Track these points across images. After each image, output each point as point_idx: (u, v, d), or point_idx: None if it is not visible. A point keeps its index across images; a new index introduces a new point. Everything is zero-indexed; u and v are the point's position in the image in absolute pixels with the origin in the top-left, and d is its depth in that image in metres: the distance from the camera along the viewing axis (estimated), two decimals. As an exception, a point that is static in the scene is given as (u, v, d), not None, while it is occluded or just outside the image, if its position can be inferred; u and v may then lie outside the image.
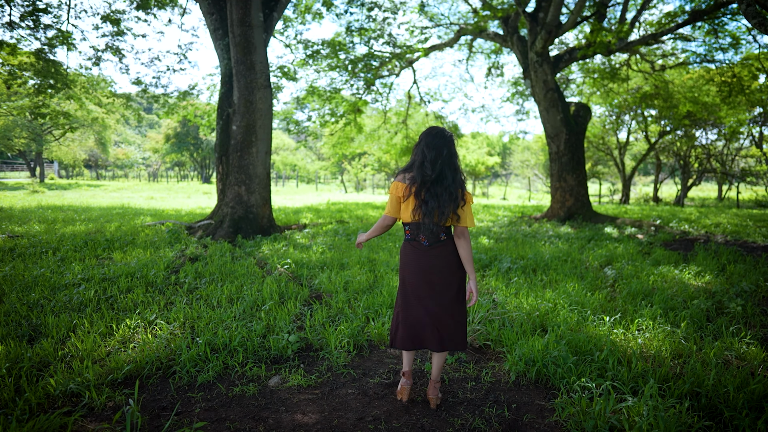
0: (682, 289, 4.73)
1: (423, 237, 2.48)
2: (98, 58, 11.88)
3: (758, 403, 2.47)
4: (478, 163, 32.21)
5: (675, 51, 15.22)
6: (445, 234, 2.49)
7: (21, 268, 5.27)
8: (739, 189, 20.97)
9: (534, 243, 7.59)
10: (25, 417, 2.39)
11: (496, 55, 17.01)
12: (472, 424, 2.46)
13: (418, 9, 14.87)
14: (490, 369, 3.10)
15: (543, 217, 11.68)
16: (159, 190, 26.09)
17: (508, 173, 45.49)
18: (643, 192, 28.40)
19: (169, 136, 41.54)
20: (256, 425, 2.44)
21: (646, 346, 3.29)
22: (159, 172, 47.01)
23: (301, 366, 3.14)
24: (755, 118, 20.10)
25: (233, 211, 8.11)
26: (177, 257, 6.05)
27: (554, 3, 10.20)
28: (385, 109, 17.78)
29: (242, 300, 4.24)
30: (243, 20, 7.94)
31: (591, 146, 23.83)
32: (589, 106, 13.08)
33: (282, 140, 50.10)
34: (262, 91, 8.19)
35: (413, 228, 2.50)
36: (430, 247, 2.48)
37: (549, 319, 3.76)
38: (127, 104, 15.03)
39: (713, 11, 10.07)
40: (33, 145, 31.43)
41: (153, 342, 3.25)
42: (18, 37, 10.65)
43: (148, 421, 2.46)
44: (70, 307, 4.05)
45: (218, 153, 8.87)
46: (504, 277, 5.31)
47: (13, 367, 2.88)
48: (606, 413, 2.36)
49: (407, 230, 2.54)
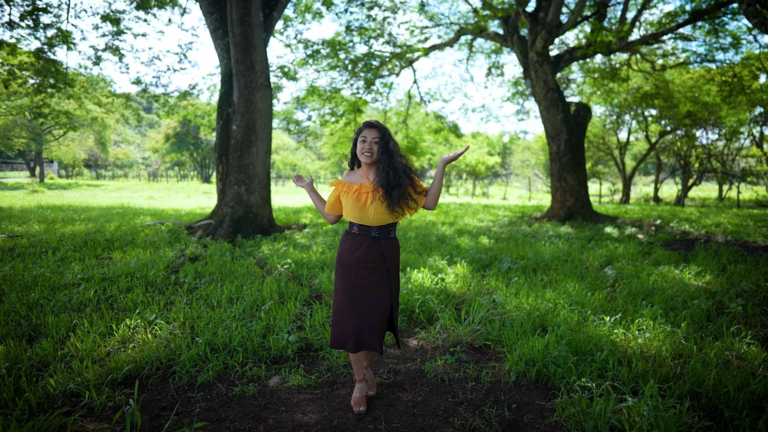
0: (682, 289, 4.72)
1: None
2: (98, 57, 11.88)
3: (759, 403, 2.47)
4: (479, 162, 32.22)
5: (675, 51, 15.22)
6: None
7: (21, 267, 5.27)
8: (739, 189, 20.96)
9: (534, 243, 7.59)
10: (25, 417, 2.39)
11: (496, 54, 17.00)
12: (472, 424, 2.46)
13: (418, 8, 14.86)
14: (490, 369, 3.10)
15: (543, 217, 11.68)
16: (159, 190, 26.09)
17: (508, 173, 45.50)
18: (643, 192, 28.41)
19: (169, 135, 41.52)
20: (256, 425, 2.44)
21: (646, 346, 3.29)
22: (159, 172, 47.00)
23: (301, 366, 3.14)
24: (756, 117, 20.09)
25: (233, 211, 8.11)
26: (177, 257, 6.05)
27: (554, 3, 10.19)
28: (386, 108, 17.78)
29: (242, 300, 4.24)
30: (243, 20, 7.93)
31: (591, 146, 23.82)
32: (590, 106, 13.08)
33: (282, 140, 50.07)
34: (262, 91, 8.19)
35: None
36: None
37: (549, 319, 3.76)
38: (127, 104, 15.03)
39: (714, 11, 10.06)
40: (33, 145, 31.41)
41: (153, 342, 3.24)
42: (18, 36, 10.65)
43: (148, 421, 2.45)
44: (69, 307, 4.04)
45: (218, 153, 8.86)
46: (504, 277, 5.31)
47: (13, 367, 2.88)
48: (606, 413, 2.36)
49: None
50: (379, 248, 2.52)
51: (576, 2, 10.50)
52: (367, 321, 2.50)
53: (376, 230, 2.52)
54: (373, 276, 2.51)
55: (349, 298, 2.52)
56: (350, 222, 2.58)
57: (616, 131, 23.41)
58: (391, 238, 2.58)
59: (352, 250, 2.52)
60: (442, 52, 20.33)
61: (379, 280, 2.52)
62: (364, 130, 2.52)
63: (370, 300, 2.51)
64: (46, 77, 11.21)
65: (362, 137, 2.50)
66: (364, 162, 2.53)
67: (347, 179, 2.61)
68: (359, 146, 2.51)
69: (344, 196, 2.53)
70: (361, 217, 2.49)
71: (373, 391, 2.76)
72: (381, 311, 2.51)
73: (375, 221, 2.49)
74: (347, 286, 2.53)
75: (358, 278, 2.52)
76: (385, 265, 2.53)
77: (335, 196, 2.59)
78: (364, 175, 2.57)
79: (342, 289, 2.54)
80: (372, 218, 2.48)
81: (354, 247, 2.52)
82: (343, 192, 2.54)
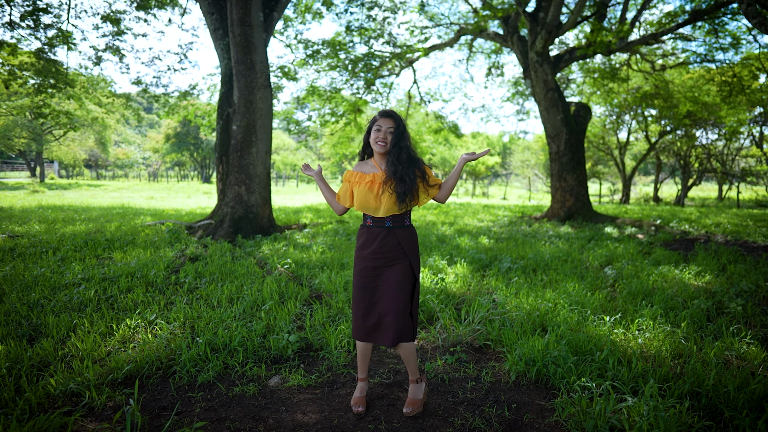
0: (682, 289, 4.72)
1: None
2: (98, 57, 11.89)
3: (758, 403, 2.47)
4: (478, 162, 32.22)
5: (675, 51, 15.22)
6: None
7: (21, 267, 5.27)
8: (739, 189, 20.96)
9: (534, 243, 7.59)
10: (26, 417, 2.39)
11: (496, 55, 17.01)
12: (472, 424, 2.46)
13: (418, 9, 14.87)
14: (490, 369, 3.10)
15: (543, 217, 11.68)
16: (159, 190, 26.10)
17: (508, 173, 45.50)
18: (643, 192, 28.40)
19: (169, 135, 41.53)
20: (256, 425, 2.44)
21: (646, 346, 3.29)
22: (159, 172, 47.01)
23: (301, 366, 3.14)
24: (755, 117, 20.09)
25: (233, 211, 8.11)
26: (177, 257, 6.05)
27: (554, 3, 10.19)
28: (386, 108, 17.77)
29: (242, 300, 4.24)
30: (243, 20, 7.94)
31: (591, 146, 23.82)
32: (590, 106, 13.09)
33: (282, 140, 50.09)
34: (263, 91, 8.19)
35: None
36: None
37: (549, 319, 3.76)
38: (127, 104, 15.05)
39: (713, 11, 10.06)
40: (33, 145, 31.43)
41: (153, 342, 3.25)
42: (18, 36, 10.67)
43: (149, 420, 2.45)
44: (70, 307, 4.05)
45: (218, 153, 8.87)
46: (504, 277, 5.31)
47: (14, 367, 2.88)
48: (606, 413, 2.36)
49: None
50: (395, 237, 2.49)
51: (576, 2, 10.51)
52: (382, 312, 2.46)
53: (389, 220, 2.49)
54: (391, 266, 2.48)
55: (365, 290, 2.50)
56: (364, 214, 2.56)
57: (616, 131, 23.41)
58: (406, 226, 2.54)
59: (368, 242, 2.50)
60: (442, 53, 20.34)
61: (397, 269, 2.48)
62: (380, 119, 2.48)
63: (387, 290, 2.47)
64: (46, 77, 11.22)
65: (377, 126, 2.47)
66: (377, 151, 2.49)
67: (359, 169, 2.57)
68: (373, 135, 2.48)
69: (357, 187, 2.49)
70: (373, 208, 2.47)
71: (408, 410, 2.52)
72: (399, 301, 2.45)
73: (384, 212, 2.47)
74: (365, 277, 2.50)
75: (376, 269, 2.49)
76: (404, 254, 2.50)
77: (349, 187, 2.56)
78: (376, 164, 2.53)
79: (359, 282, 2.52)
80: (382, 209, 2.46)
81: (370, 240, 2.50)
82: (356, 182, 2.51)
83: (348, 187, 2.56)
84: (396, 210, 2.48)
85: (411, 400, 2.58)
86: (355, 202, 2.54)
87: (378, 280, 2.49)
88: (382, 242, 2.48)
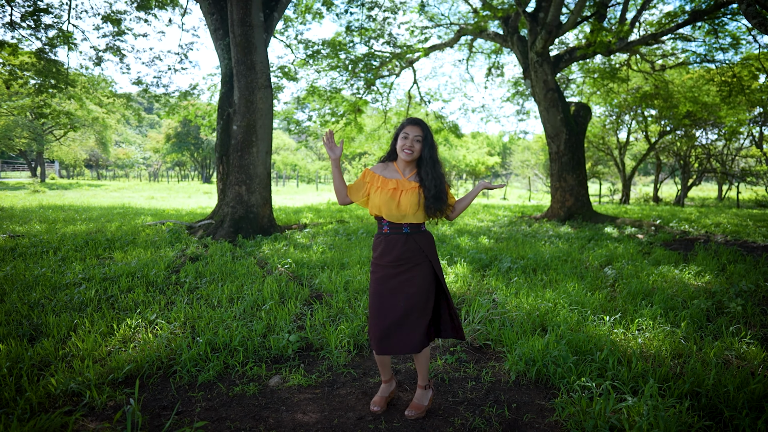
0: (682, 289, 4.73)
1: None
2: (99, 58, 11.90)
3: (758, 403, 2.47)
4: (478, 162, 32.25)
5: (675, 51, 15.23)
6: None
7: (22, 267, 5.28)
8: (739, 189, 20.96)
9: (534, 243, 7.59)
10: (26, 416, 2.40)
11: (496, 55, 17.01)
12: (472, 423, 2.46)
13: (418, 9, 14.88)
14: (490, 369, 3.10)
15: (543, 217, 11.68)
16: (159, 190, 26.10)
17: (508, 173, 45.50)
18: (643, 192, 28.39)
19: (170, 135, 41.55)
20: (257, 425, 2.44)
21: (646, 345, 3.29)
22: (159, 172, 47.01)
23: (301, 365, 3.14)
24: (755, 118, 20.08)
25: (234, 211, 8.12)
26: (177, 257, 6.06)
27: (554, 3, 10.20)
28: (386, 109, 17.78)
29: (243, 300, 4.25)
30: (243, 20, 7.94)
31: (591, 146, 23.82)
32: (589, 106, 13.08)
33: (282, 140, 50.10)
34: (263, 91, 8.19)
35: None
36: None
37: (549, 318, 3.76)
38: (128, 104, 15.07)
39: (713, 11, 10.06)
40: (34, 145, 31.45)
41: (153, 341, 3.25)
42: (19, 37, 10.68)
43: (149, 420, 2.46)
44: (70, 307, 4.05)
45: (219, 153, 8.87)
46: (504, 276, 5.32)
47: (14, 367, 2.88)
48: (606, 413, 2.36)
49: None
50: (415, 242, 2.46)
51: (576, 2, 10.51)
52: (398, 320, 2.41)
53: (407, 226, 2.47)
54: (413, 272, 2.44)
55: (382, 299, 2.44)
56: (379, 222, 2.52)
57: (615, 131, 23.40)
58: (423, 231, 2.52)
59: (387, 250, 2.45)
60: (442, 53, 20.32)
61: (419, 274, 2.45)
62: (408, 126, 2.46)
63: (406, 297, 2.42)
64: (47, 78, 11.23)
65: (404, 133, 2.45)
66: (402, 159, 2.47)
67: (380, 172, 2.53)
68: (400, 142, 2.45)
69: (377, 192, 2.45)
70: (397, 215, 2.44)
71: (411, 413, 2.52)
72: (417, 308, 2.42)
73: (408, 219, 2.45)
74: (383, 286, 2.45)
75: (398, 276, 2.44)
76: (427, 258, 2.47)
77: (366, 187, 2.52)
78: (399, 170, 2.51)
79: (376, 290, 2.47)
80: (405, 217, 2.44)
81: (389, 247, 2.45)
82: (377, 186, 2.47)
83: (365, 186, 2.52)
84: (419, 220, 2.47)
85: (415, 404, 2.56)
86: (371, 206, 2.50)
87: (400, 286, 2.44)
88: (402, 249, 2.44)
